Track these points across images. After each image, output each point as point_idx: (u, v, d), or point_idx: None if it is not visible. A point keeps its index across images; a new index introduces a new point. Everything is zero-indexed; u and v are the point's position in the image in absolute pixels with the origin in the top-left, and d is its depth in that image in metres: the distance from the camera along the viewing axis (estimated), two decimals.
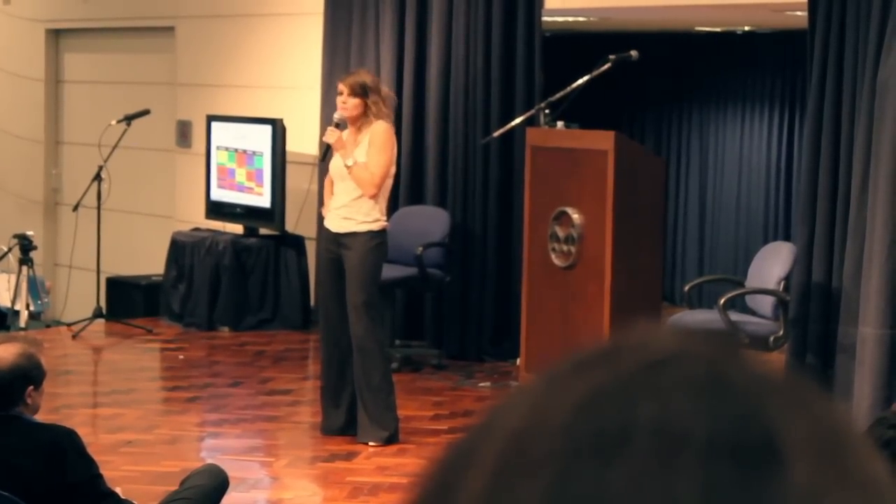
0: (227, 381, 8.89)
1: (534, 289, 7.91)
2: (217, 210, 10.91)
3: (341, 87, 7.14)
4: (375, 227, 7.06)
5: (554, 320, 7.70)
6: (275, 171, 10.28)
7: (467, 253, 9.47)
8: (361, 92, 7.06)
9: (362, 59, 10.01)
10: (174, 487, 5.17)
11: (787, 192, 11.66)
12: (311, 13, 10.43)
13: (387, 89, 7.35)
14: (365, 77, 7.25)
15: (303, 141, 10.40)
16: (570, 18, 10.31)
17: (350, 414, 7.28)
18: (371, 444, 7.15)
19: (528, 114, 8.23)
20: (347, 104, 7.07)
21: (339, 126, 7.13)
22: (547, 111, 7.90)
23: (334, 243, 7.13)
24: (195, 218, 11.18)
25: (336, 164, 7.12)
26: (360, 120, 7.09)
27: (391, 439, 7.17)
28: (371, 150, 7.01)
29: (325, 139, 7.21)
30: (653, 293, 7.68)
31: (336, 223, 7.13)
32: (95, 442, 6.72)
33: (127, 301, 11.02)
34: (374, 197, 7.03)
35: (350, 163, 7.01)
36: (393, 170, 7.20)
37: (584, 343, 0.69)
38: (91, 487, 4.45)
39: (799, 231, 7.72)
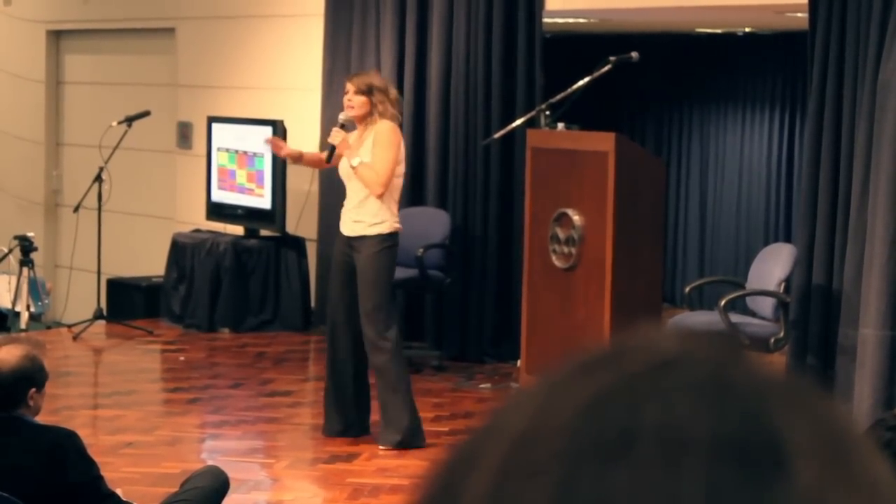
0: (228, 382, 8.89)
1: (534, 290, 7.91)
2: (218, 211, 10.91)
3: (348, 85, 7.14)
4: (384, 229, 7.00)
5: (554, 322, 7.70)
6: (275, 173, 10.29)
7: (468, 254, 9.47)
8: (367, 91, 7.04)
9: (363, 61, 10.02)
10: (175, 489, 5.18)
11: (787, 193, 11.67)
12: (311, 14, 10.44)
13: (395, 91, 7.27)
14: (373, 77, 7.25)
15: (304, 142, 10.38)
16: (571, 20, 10.32)
17: (352, 417, 7.25)
18: (381, 447, 7.11)
19: (528, 115, 8.23)
20: (353, 102, 7.05)
21: (345, 127, 7.11)
22: (547, 112, 7.90)
23: (347, 246, 7.09)
24: (196, 219, 11.19)
25: (344, 165, 7.09)
26: (366, 119, 7.07)
27: (403, 444, 7.12)
28: (375, 149, 6.97)
29: (329, 140, 7.18)
30: (653, 294, 7.68)
31: (348, 227, 7.09)
32: (96, 443, 6.72)
33: (127, 302, 11.02)
34: (381, 197, 6.98)
35: (355, 163, 6.97)
36: (401, 169, 7.14)
37: (585, 345, 0.69)
38: (92, 489, 4.46)
39: (799, 232, 7.72)
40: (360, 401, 7.25)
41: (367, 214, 7.01)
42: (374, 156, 6.97)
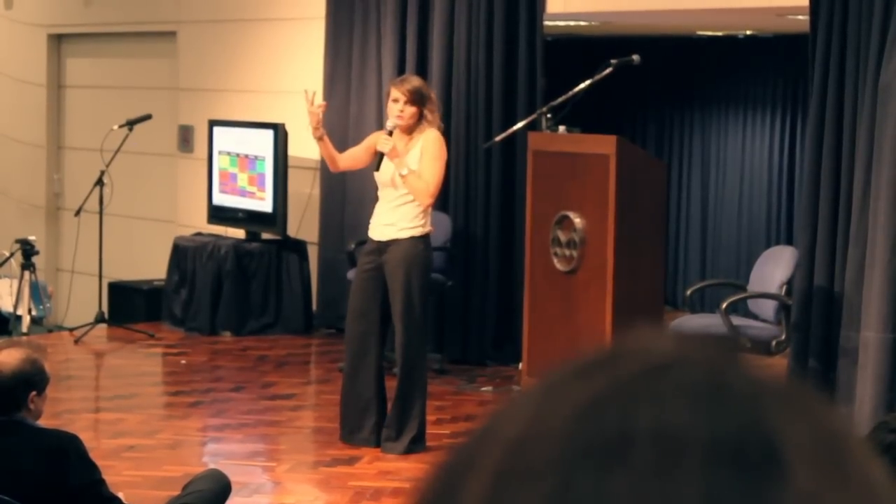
0: (229, 385, 8.89)
1: (536, 293, 7.91)
2: (219, 215, 10.91)
3: (397, 94, 6.96)
4: (416, 232, 6.92)
5: (556, 324, 7.70)
6: (277, 176, 10.29)
7: (469, 257, 9.47)
8: (419, 100, 6.91)
9: (364, 64, 10.02)
10: (176, 492, 5.18)
11: (788, 196, 11.67)
12: (312, 18, 10.44)
13: (434, 94, 7.14)
14: (419, 84, 7.10)
15: (305, 145, 10.39)
16: (572, 22, 10.32)
17: (371, 425, 7.19)
18: (390, 453, 7.09)
19: (529, 118, 8.23)
20: (405, 113, 6.91)
21: (391, 134, 7.01)
22: (549, 115, 7.90)
23: (377, 252, 7.00)
24: (197, 222, 11.19)
25: (385, 170, 6.96)
26: (414, 128, 6.97)
27: (407, 450, 7.11)
28: (424, 158, 6.87)
29: (378, 148, 6.98)
30: (655, 297, 7.68)
31: (378, 231, 7.02)
32: (97, 447, 6.72)
33: (129, 306, 11.02)
34: (429, 206, 6.91)
35: (405, 172, 6.85)
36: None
37: (583, 348, 0.69)
38: (93, 492, 4.45)
39: (801, 235, 7.72)
40: (380, 408, 7.19)
41: (402, 219, 6.92)
42: (424, 166, 6.86)
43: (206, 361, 9.69)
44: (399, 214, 6.94)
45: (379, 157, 7.03)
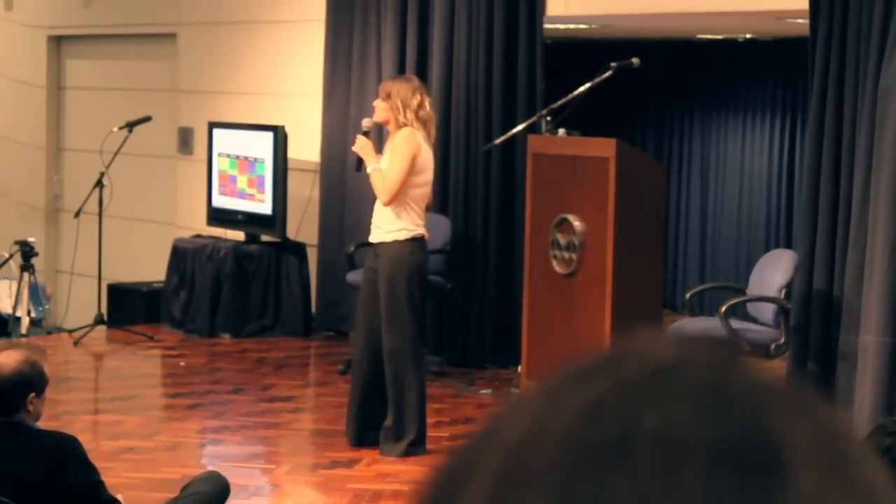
0: (228, 387, 8.89)
1: (535, 296, 7.91)
2: (218, 217, 10.91)
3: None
4: (402, 235, 6.93)
5: (555, 327, 7.70)
6: (276, 178, 10.29)
7: (468, 260, 9.47)
8: (386, 96, 7.02)
9: (364, 67, 10.02)
10: (175, 494, 5.18)
11: (788, 199, 11.67)
12: (312, 20, 10.44)
13: (421, 99, 7.02)
14: (396, 82, 7.19)
15: (304, 148, 10.41)
16: (572, 25, 10.32)
17: (373, 426, 7.18)
18: (388, 455, 7.08)
19: (529, 121, 8.23)
20: (377, 107, 7.09)
21: (367, 134, 7.10)
22: (548, 118, 7.90)
23: (374, 255, 7.07)
24: (196, 224, 11.19)
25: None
26: (390, 126, 7.06)
27: (406, 453, 7.11)
28: (390, 157, 6.95)
29: (353, 148, 7.15)
30: (654, 300, 7.68)
31: (371, 233, 7.09)
32: (96, 448, 6.72)
33: (128, 308, 11.02)
34: (388, 204, 6.91)
35: (369, 170, 6.96)
36: (424, 178, 7.01)
37: (584, 351, 0.69)
38: (92, 494, 4.46)
39: (800, 239, 7.72)
40: (381, 412, 7.18)
41: (385, 221, 6.97)
42: (388, 163, 6.94)
43: (205, 363, 9.69)
44: (383, 217, 6.99)
45: (357, 158, 7.14)
